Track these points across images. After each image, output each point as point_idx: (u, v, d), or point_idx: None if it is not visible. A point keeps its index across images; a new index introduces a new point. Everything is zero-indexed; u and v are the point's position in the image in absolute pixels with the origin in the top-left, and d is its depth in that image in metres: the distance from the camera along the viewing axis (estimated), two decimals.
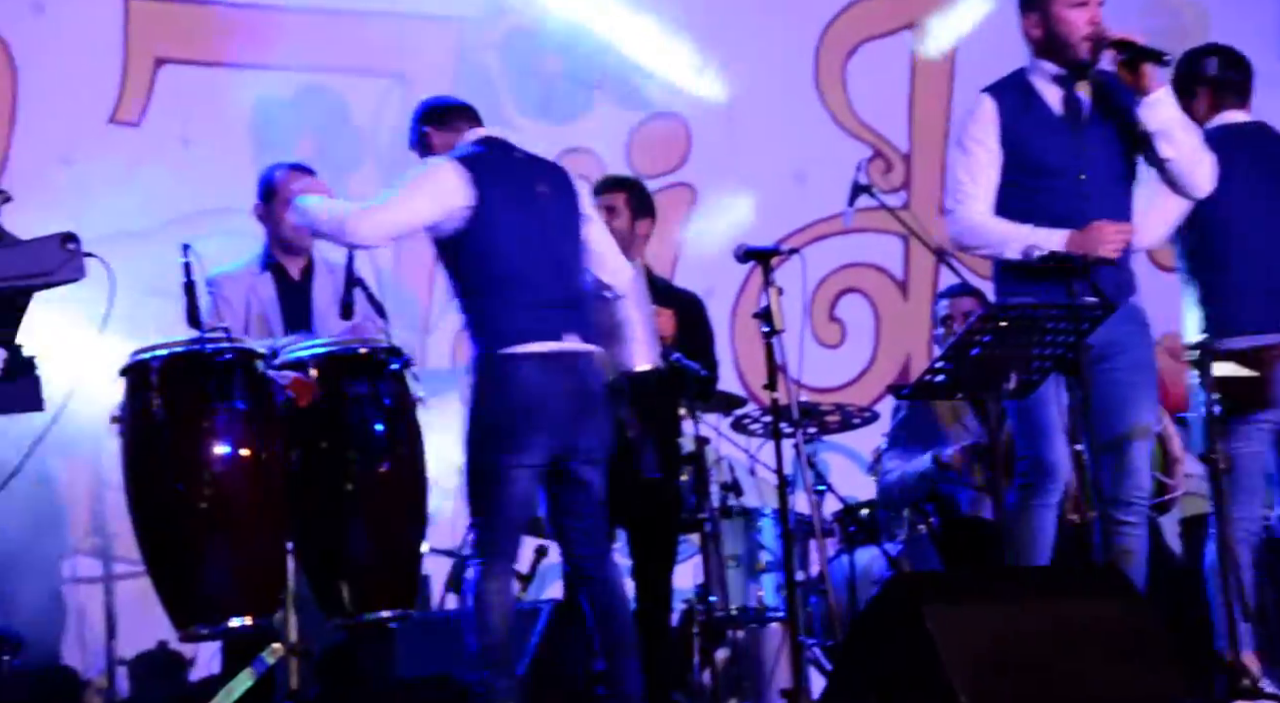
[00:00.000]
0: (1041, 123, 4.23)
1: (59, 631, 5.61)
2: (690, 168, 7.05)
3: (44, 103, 5.88)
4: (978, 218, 4.21)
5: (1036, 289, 4.18)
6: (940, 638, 3.43)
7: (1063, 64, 4.26)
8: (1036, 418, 4.18)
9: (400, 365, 4.43)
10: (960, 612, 3.53)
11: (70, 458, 5.71)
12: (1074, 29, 4.19)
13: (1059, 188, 4.21)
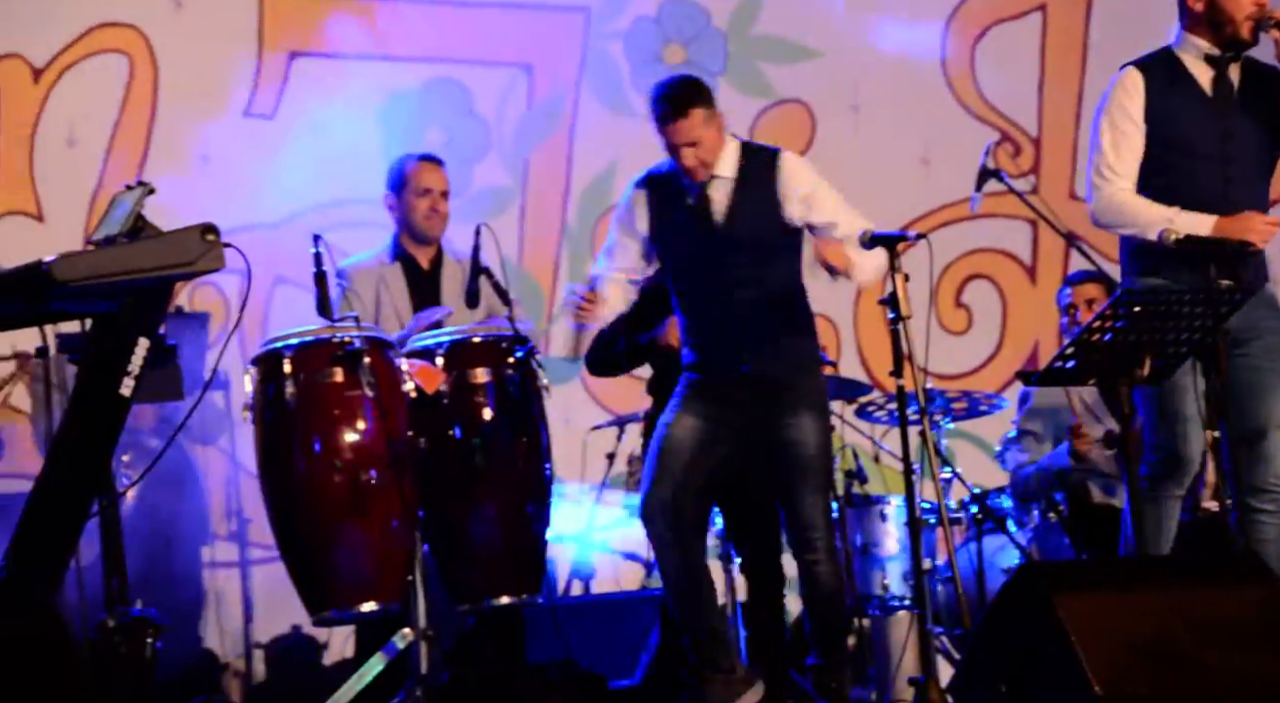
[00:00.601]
0: (1190, 101, 4.12)
1: (199, 615, 5.75)
2: (814, 154, 6.99)
3: (182, 97, 6.02)
4: (1121, 196, 4.12)
5: (1167, 273, 4.08)
6: (1073, 627, 3.38)
7: (1218, 42, 4.14)
8: (1171, 407, 4.09)
9: (525, 353, 4.46)
10: (1093, 601, 3.47)
11: (207, 445, 5.85)
12: (1239, 6, 4.08)
13: (1202, 169, 4.11)
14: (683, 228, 4.26)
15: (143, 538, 5.20)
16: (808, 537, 4.22)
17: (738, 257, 4.22)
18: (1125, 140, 4.12)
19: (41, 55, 5.88)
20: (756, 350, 4.21)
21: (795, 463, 4.19)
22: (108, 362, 3.36)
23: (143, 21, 6.02)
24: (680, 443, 4.20)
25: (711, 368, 4.25)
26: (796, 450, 4.19)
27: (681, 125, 4.17)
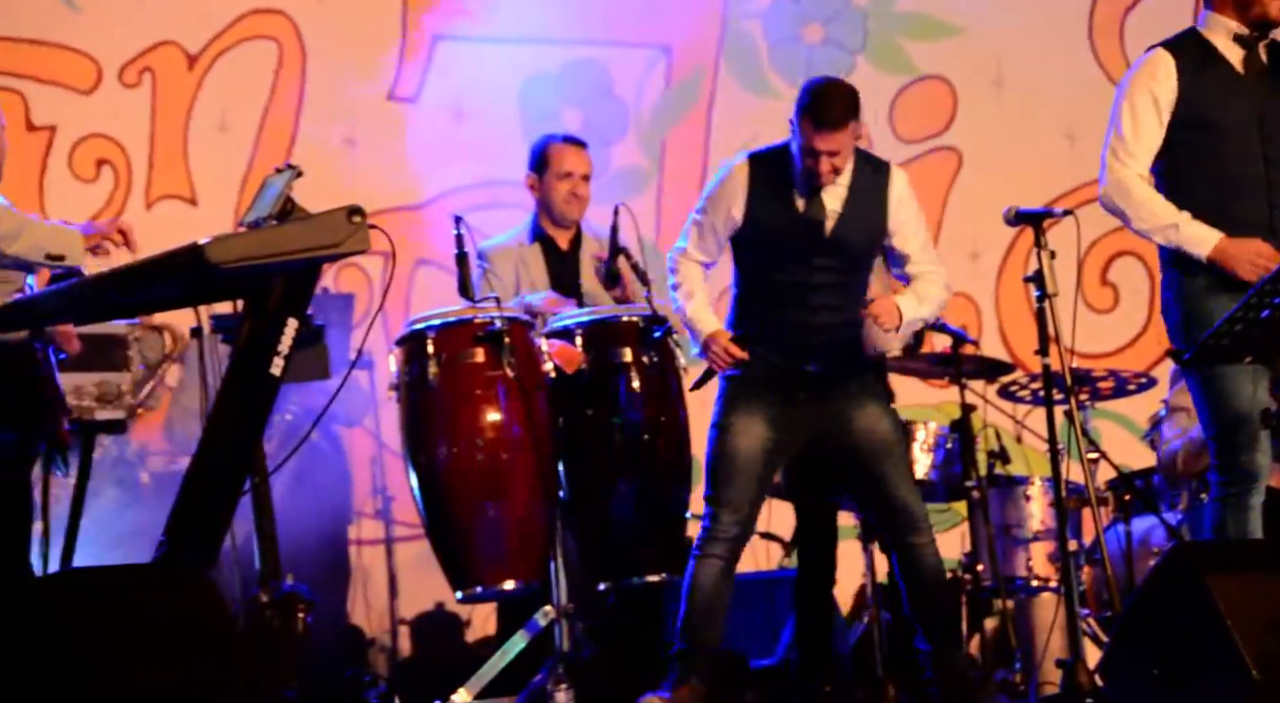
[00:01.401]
0: (1224, 82, 3.96)
1: (345, 591, 5.87)
2: (956, 131, 6.89)
3: (328, 81, 6.12)
4: (1131, 182, 3.96)
5: None
6: (1228, 610, 3.29)
7: (1245, 22, 3.99)
8: None
9: (663, 333, 4.47)
10: (1249, 583, 3.38)
11: (351, 425, 5.96)
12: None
13: (1240, 151, 3.94)
14: (785, 223, 4.15)
15: (291, 515, 5.31)
16: (911, 521, 4.16)
17: (833, 262, 4.16)
18: (1145, 125, 3.97)
19: (196, 42, 6.01)
20: (826, 354, 4.17)
21: (879, 450, 4.15)
22: (259, 342, 3.44)
23: (291, 8, 6.12)
24: (751, 457, 4.12)
25: (775, 366, 4.16)
26: (875, 437, 4.15)
27: (834, 137, 4.09)
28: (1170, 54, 4.00)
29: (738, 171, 4.20)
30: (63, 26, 5.81)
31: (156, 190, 5.97)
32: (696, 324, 4.18)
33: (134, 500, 5.52)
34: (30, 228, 3.16)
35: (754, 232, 4.16)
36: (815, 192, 4.14)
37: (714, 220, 4.21)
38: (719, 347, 4.11)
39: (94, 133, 5.89)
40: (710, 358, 4.13)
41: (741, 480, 4.11)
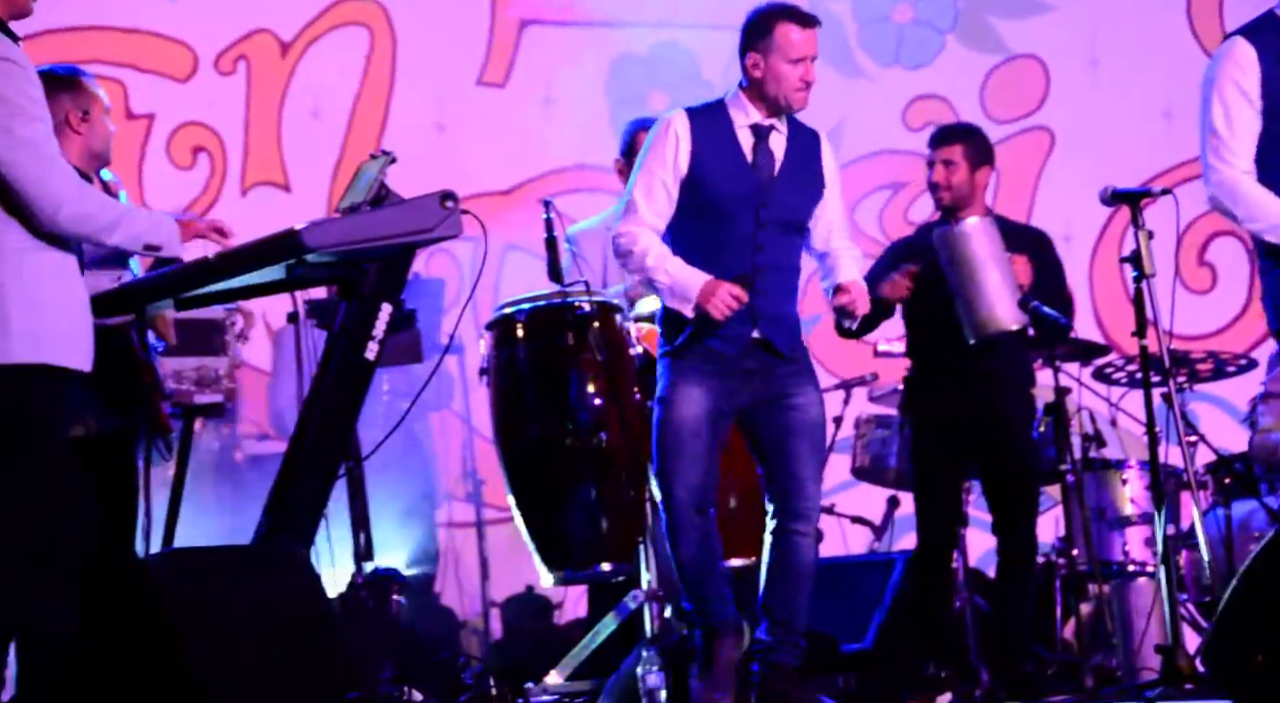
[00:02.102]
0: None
1: (436, 573, 5.93)
2: (1048, 110, 6.80)
3: (418, 67, 6.17)
4: (1241, 183, 3.75)
5: None
6: None
7: None
8: None
9: None
10: None
11: (443, 408, 6.01)
12: None
13: None
14: (733, 171, 3.91)
15: (383, 498, 5.37)
16: (805, 508, 3.95)
17: (777, 215, 3.95)
18: (1239, 119, 3.76)
19: (289, 30, 6.08)
20: (770, 319, 3.95)
21: (801, 430, 3.94)
22: (354, 327, 3.48)
23: None
24: (695, 426, 3.90)
25: (723, 331, 3.88)
26: (806, 418, 3.95)
27: (815, 37, 3.94)
28: (1248, 42, 3.84)
29: (676, 122, 3.95)
30: (161, 16, 5.90)
31: (251, 177, 6.05)
32: (684, 277, 3.85)
33: (233, 483, 5.61)
34: (129, 218, 3.20)
35: (701, 182, 3.93)
36: (760, 138, 3.96)
37: (664, 176, 3.92)
38: (724, 292, 3.83)
39: (191, 120, 5.98)
40: (712, 308, 3.83)
41: (690, 448, 3.89)
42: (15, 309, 3.10)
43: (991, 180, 4.84)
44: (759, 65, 3.93)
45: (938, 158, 4.72)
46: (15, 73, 3.12)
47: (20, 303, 3.11)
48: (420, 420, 5.94)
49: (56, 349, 3.14)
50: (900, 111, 6.59)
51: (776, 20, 3.93)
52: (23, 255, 3.13)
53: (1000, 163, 6.96)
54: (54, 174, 3.10)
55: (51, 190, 3.09)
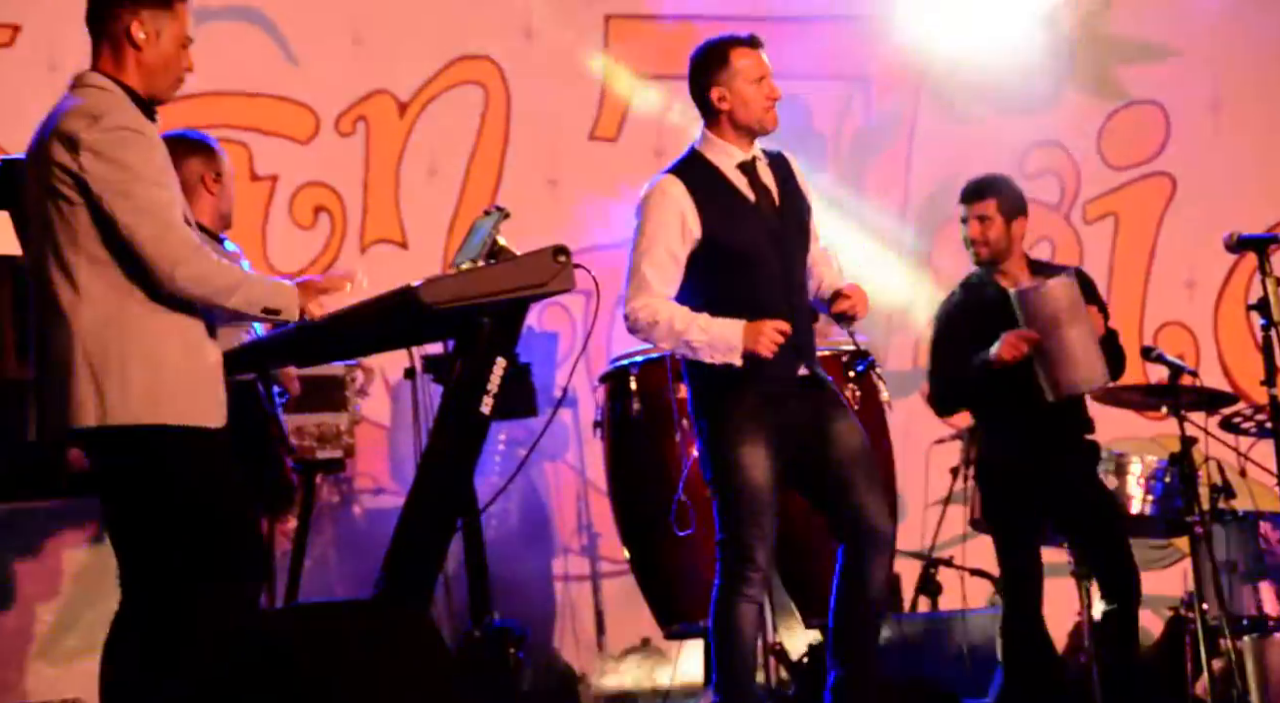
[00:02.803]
0: None
1: (553, 626, 5.93)
2: (1169, 155, 6.69)
3: (532, 124, 6.24)
4: None
5: None
6: None
7: None
8: None
9: (866, 367, 4.43)
10: None
11: (557, 460, 6.04)
12: None
13: None
14: (744, 216, 3.83)
15: (499, 552, 5.40)
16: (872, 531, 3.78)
17: (793, 245, 3.88)
18: None
19: (406, 90, 6.20)
20: (810, 352, 3.87)
21: (852, 455, 3.81)
22: (469, 381, 3.51)
23: (497, 53, 6.26)
24: (764, 489, 3.76)
25: (771, 375, 3.77)
26: (849, 443, 3.81)
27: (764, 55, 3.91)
28: None
29: (670, 188, 3.87)
30: (283, 80, 6.04)
31: (370, 235, 6.15)
32: (722, 329, 3.74)
33: (351, 537, 5.68)
34: (248, 284, 3.27)
35: (717, 239, 3.84)
36: (755, 175, 3.89)
37: (672, 248, 3.82)
38: (769, 329, 3.72)
39: (312, 181, 6.11)
40: (761, 348, 3.71)
41: (760, 513, 3.77)
42: (136, 371, 3.18)
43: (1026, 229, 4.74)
44: (724, 97, 3.89)
45: (971, 214, 4.67)
46: (140, 142, 3.22)
47: (141, 365, 3.19)
48: (535, 473, 5.97)
49: (178, 409, 3.21)
50: (1018, 159, 6.53)
51: (728, 48, 3.92)
52: (146, 319, 3.22)
53: (1119, 209, 6.93)
54: (171, 237, 3.18)
55: (168, 252, 3.17)
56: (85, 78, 3.32)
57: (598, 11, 6.36)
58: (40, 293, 3.27)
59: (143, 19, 3.30)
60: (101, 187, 3.17)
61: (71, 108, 3.25)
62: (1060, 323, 4.45)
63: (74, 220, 3.20)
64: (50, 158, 3.22)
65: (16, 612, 4.17)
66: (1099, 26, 6.69)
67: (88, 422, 3.18)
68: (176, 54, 3.34)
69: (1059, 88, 6.64)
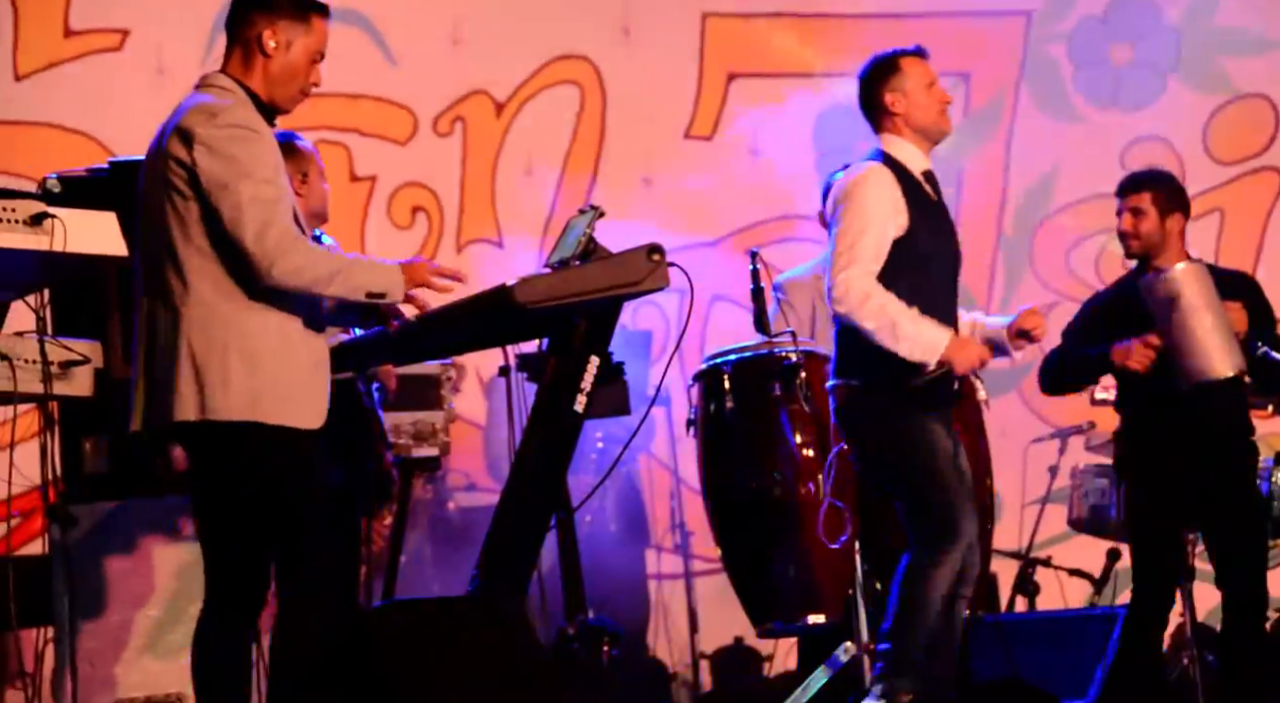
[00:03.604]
0: None
1: (646, 625, 5.94)
2: (1277, 150, 6.55)
3: (627, 122, 6.26)
4: None
5: None
6: None
7: None
8: None
9: None
10: None
11: (651, 459, 6.05)
12: None
13: None
14: (933, 222, 3.95)
15: (593, 549, 5.42)
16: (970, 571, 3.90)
17: (956, 258, 4.02)
18: None
19: (503, 90, 6.25)
20: None
21: None
22: (563, 379, 3.53)
23: (593, 52, 6.29)
24: (962, 468, 3.91)
25: (944, 392, 3.92)
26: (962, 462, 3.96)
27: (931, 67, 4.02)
28: None
29: (884, 175, 3.92)
30: (383, 81, 6.12)
31: (466, 234, 6.21)
32: (929, 329, 3.83)
33: (445, 534, 5.73)
34: (348, 269, 3.29)
35: (913, 238, 3.91)
36: (931, 182, 3.98)
37: (886, 229, 3.88)
38: (974, 353, 3.85)
39: (410, 181, 6.17)
40: (958, 365, 3.82)
41: (963, 489, 3.90)
42: (235, 368, 3.22)
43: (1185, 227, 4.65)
44: (898, 101, 4.00)
45: (1125, 206, 4.60)
46: (253, 140, 3.27)
47: (241, 362, 3.23)
48: (629, 472, 5.99)
49: (276, 408, 3.25)
50: (1119, 155, 6.43)
51: (898, 56, 4.04)
52: (246, 315, 3.26)
53: (1226, 205, 6.79)
54: (271, 232, 3.22)
55: (269, 247, 3.21)
56: (211, 78, 3.38)
57: (694, 9, 6.36)
58: (151, 285, 3.33)
59: (277, 28, 3.34)
60: (210, 180, 3.22)
61: (194, 105, 3.31)
62: (1181, 308, 4.36)
63: (186, 215, 3.24)
64: (168, 152, 3.27)
65: (120, 607, 4.26)
66: (1205, 18, 6.56)
67: (188, 416, 3.23)
68: (305, 67, 3.38)
69: (1163, 82, 6.53)
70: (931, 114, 3.99)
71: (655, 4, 6.32)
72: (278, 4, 3.35)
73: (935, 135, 4.02)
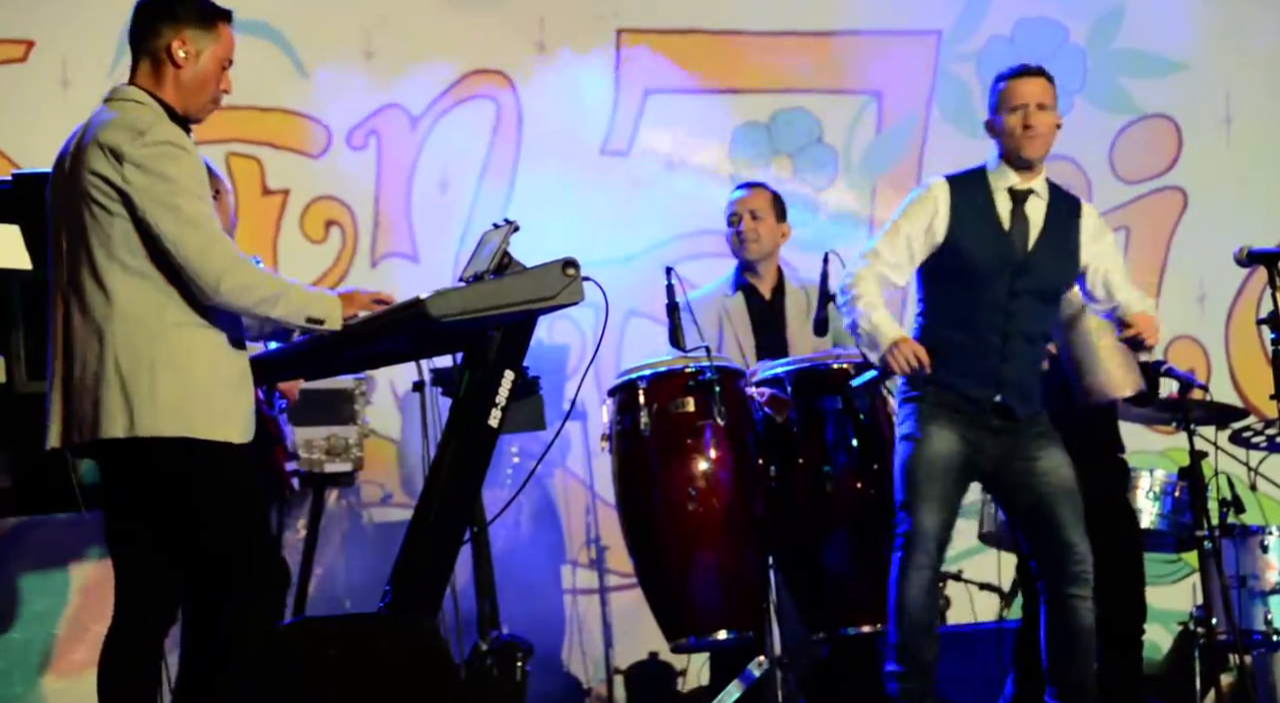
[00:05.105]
0: None
1: (561, 639, 5.93)
2: (1180, 170, 6.69)
3: (543, 137, 6.26)
4: None
5: None
6: None
7: None
8: None
9: (868, 380, 4.42)
10: None
11: (566, 474, 6.04)
12: None
13: None
14: (990, 239, 4.08)
15: (507, 565, 5.39)
16: (1079, 571, 4.00)
17: (1032, 284, 4.09)
18: None
19: (418, 104, 6.22)
20: (1015, 386, 4.07)
21: (1058, 492, 4.03)
22: (478, 394, 3.52)
23: (509, 67, 6.28)
24: (948, 462, 4.01)
25: (965, 390, 4.06)
26: (1057, 479, 4.03)
27: (1036, 82, 4.12)
28: None
29: (937, 190, 4.14)
30: (295, 94, 6.06)
31: (381, 248, 6.17)
32: (881, 328, 4.00)
33: (360, 551, 5.68)
34: (289, 293, 3.29)
35: (957, 251, 4.08)
36: (1020, 206, 4.08)
37: (911, 231, 4.10)
38: (907, 349, 3.97)
39: (323, 195, 6.12)
40: (892, 359, 3.97)
41: (941, 482, 4.00)
42: (164, 383, 3.19)
43: None
44: (992, 125, 4.15)
45: None
46: (184, 157, 3.25)
47: (170, 377, 3.20)
48: (544, 486, 5.97)
49: (207, 423, 3.22)
50: None
51: (999, 80, 4.18)
52: (179, 331, 3.23)
53: (1131, 223, 6.91)
54: (216, 249, 3.21)
55: (214, 264, 3.19)
56: (123, 91, 3.34)
57: (610, 25, 6.37)
58: (70, 302, 3.28)
59: (185, 38, 3.32)
60: (145, 200, 3.19)
61: (112, 120, 3.26)
62: (1082, 328, 4.44)
63: (111, 230, 3.21)
64: (88, 168, 3.23)
65: (24, 625, 4.18)
66: (1109, 40, 6.69)
67: (115, 433, 3.19)
68: (216, 75, 3.37)
69: (1070, 101, 6.64)
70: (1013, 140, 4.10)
71: (571, 18, 6.33)
72: (184, 14, 3.32)
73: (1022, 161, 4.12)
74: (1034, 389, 4.13)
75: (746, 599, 4.36)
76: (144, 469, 3.22)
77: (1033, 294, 4.09)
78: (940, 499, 3.99)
